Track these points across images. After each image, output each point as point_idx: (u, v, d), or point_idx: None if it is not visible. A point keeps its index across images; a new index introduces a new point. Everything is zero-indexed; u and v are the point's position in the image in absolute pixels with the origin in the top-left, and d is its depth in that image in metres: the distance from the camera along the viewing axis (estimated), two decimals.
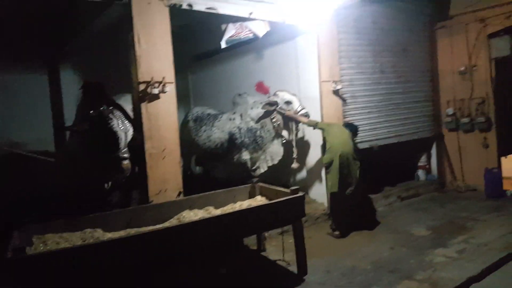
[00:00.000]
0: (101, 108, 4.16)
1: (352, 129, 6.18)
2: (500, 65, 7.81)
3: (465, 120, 8.10)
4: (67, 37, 7.39)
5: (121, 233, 3.89)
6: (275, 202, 4.31)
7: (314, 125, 6.09)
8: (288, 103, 6.29)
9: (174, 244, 3.54)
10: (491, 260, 4.71)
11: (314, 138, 6.76)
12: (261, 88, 6.72)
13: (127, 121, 4.19)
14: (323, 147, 6.16)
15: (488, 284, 4.31)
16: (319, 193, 6.85)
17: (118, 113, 4.18)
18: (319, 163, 6.73)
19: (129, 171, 3.97)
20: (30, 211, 4.39)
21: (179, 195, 5.08)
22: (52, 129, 8.00)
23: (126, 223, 4.15)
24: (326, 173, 6.02)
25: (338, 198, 5.77)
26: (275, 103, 6.30)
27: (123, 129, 4.03)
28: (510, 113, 8.05)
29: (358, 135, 6.47)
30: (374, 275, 4.51)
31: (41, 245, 3.45)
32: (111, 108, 4.19)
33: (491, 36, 7.72)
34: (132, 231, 3.96)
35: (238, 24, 5.85)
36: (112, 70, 6.70)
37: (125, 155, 3.99)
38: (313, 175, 6.96)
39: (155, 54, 5.00)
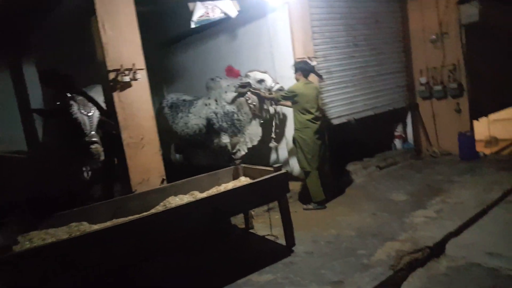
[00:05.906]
0: (65, 97, 4.03)
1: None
2: (470, 31, 7.88)
3: (438, 87, 8.21)
4: (27, 30, 7.08)
5: (108, 224, 3.80)
6: (259, 181, 4.29)
7: (282, 97, 5.94)
8: (260, 81, 6.23)
9: (163, 229, 3.49)
10: (467, 216, 4.91)
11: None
12: (231, 72, 6.61)
13: (90, 104, 4.06)
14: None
15: (465, 238, 4.52)
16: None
17: (79, 98, 4.05)
18: None
19: (99, 154, 3.86)
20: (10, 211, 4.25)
21: (162, 182, 4.98)
22: (21, 128, 7.75)
23: (112, 215, 4.07)
24: (297, 148, 5.96)
25: (311, 172, 5.84)
26: (247, 84, 6.23)
27: (85, 113, 3.91)
28: (480, 78, 8.19)
29: (335, 110, 6.44)
30: (359, 240, 4.64)
31: (27, 242, 3.35)
32: (73, 95, 4.06)
33: (460, 2, 7.75)
34: (119, 221, 3.88)
35: (207, 3, 5.70)
36: (79, 60, 6.47)
37: (93, 139, 3.88)
38: (294, 151, 6.92)
39: (122, 40, 4.77)
